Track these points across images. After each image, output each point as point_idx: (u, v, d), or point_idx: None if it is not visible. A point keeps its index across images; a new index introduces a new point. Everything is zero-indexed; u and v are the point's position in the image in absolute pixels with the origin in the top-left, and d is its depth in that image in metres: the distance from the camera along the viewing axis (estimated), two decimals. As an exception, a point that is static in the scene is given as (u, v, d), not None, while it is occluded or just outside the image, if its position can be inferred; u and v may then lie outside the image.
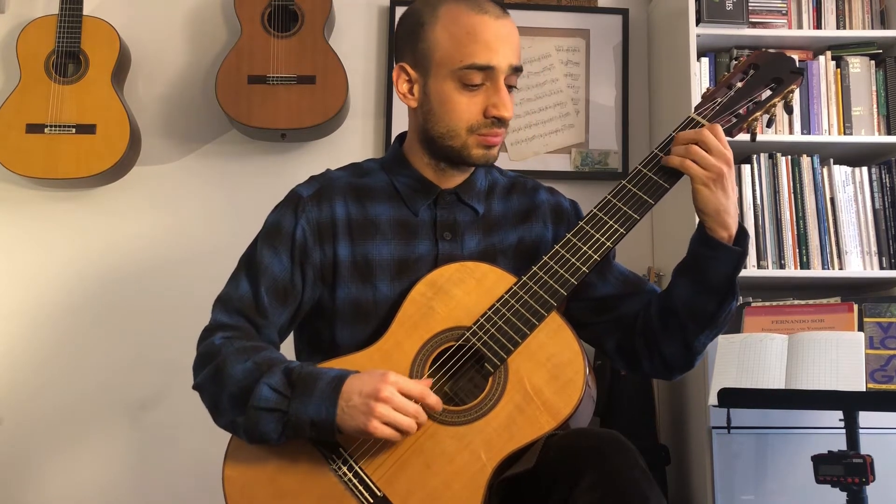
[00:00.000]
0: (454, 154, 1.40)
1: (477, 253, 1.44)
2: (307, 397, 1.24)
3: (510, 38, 1.37)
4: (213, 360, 1.32)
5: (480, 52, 1.34)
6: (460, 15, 1.36)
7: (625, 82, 2.81)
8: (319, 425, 1.24)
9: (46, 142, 2.46)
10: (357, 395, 1.23)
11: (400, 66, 1.42)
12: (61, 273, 2.63)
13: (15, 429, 2.56)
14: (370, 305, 1.40)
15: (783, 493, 2.13)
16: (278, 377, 1.27)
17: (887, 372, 1.89)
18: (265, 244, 1.42)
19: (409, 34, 1.41)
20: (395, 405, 1.22)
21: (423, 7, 1.40)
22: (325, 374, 1.27)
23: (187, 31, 2.77)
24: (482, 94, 1.36)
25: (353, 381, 1.25)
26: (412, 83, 1.41)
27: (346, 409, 1.23)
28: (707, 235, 1.33)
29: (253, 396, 1.26)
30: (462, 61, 1.34)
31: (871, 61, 2.53)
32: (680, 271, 1.39)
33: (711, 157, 1.30)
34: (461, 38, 1.35)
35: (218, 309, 1.41)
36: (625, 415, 2.39)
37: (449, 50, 1.35)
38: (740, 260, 1.33)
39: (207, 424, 1.35)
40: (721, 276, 1.33)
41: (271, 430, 1.25)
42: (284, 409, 1.24)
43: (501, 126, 1.38)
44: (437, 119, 1.38)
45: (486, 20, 1.35)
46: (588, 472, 1.14)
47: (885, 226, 2.43)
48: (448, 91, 1.36)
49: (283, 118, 2.51)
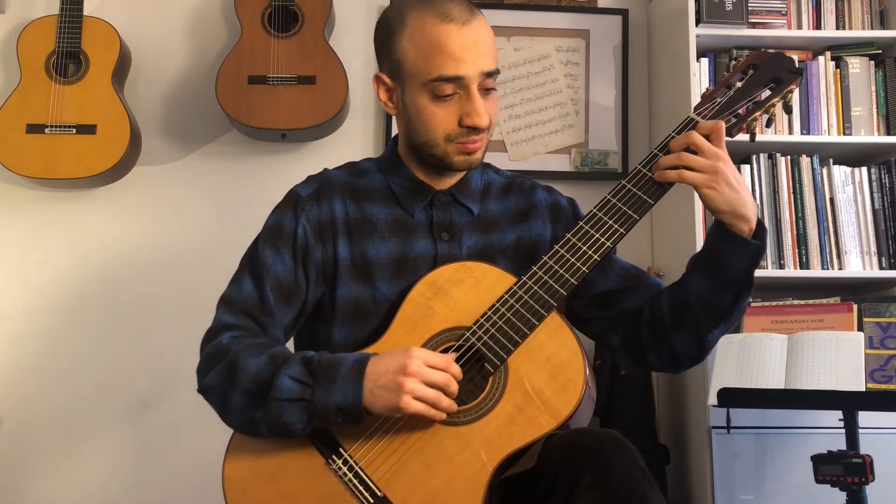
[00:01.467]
0: (436, 162, 1.40)
1: (476, 252, 1.44)
2: (331, 383, 1.24)
3: (479, 45, 1.34)
4: (223, 359, 1.31)
5: (447, 64, 1.32)
6: (425, 25, 1.34)
7: (625, 82, 2.81)
8: (347, 410, 1.23)
9: (47, 142, 2.46)
10: (384, 374, 1.22)
11: (377, 75, 1.42)
12: (61, 273, 2.63)
13: (15, 429, 2.56)
14: (369, 305, 1.40)
15: (783, 493, 2.13)
16: (297, 367, 1.27)
17: (887, 372, 1.89)
18: (267, 244, 1.42)
19: (382, 43, 1.40)
20: (424, 378, 1.22)
21: (392, 15, 1.39)
22: (346, 359, 1.27)
23: (187, 31, 2.77)
24: (456, 104, 1.35)
25: (376, 362, 1.25)
26: (391, 91, 1.41)
27: (375, 389, 1.22)
28: (726, 229, 1.32)
29: (274, 389, 1.25)
30: (430, 73, 1.33)
31: (871, 61, 2.53)
32: (696, 265, 1.38)
33: (704, 158, 1.29)
34: (427, 51, 1.33)
35: (222, 310, 1.40)
36: (625, 415, 2.39)
37: (416, 62, 1.34)
38: (759, 254, 1.32)
39: (207, 424, 1.35)
40: (739, 271, 1.32)
41: (296, 420, 1.24)
42: (308, 398, 1.24)
43: (479, 133, 1.37)
44: (416, 129, 1.38)
45: (451, 30, 1.32)
46: (588, 472, 1.14)
47: (884, 226, 2.43)
48: (422, 103, 1.35)
49: (284, 118, 2.51)
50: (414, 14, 1.35)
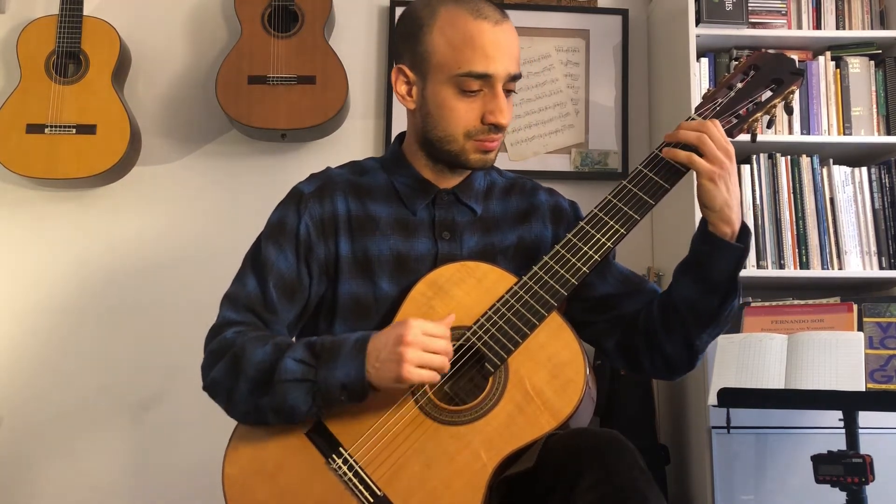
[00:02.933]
0: (452, 158, 1.40)
1: (476, 252, 1.44)
2: (333, 362, 1.25)
3: (509, 46, 1.36)
4: (228, 352, 1.32)
5: (478, 60, 1.33)
6: (458, 20, 1.35)
7: (625, 82, 2.81)
8: (350, 386, 1.24)
9: (47, 142, 2.46)
10: (383, 347, 1.23)
11: (398, 67, 1.41)
12: (61, 273, 2.63)
13: (15, 429, 2.56)
14: (370, 302, 1.40)
15: (783, 493, 2.13)
16: (301, 350, 1.28)
17: (887, 372, 1.89)
18: (270, 242, 1.42)
19: (407, 36, 1.40)
20: (424, 345, 1.22)
21: (422, 8, 1.39)
22: (347, 339, 1.28)
23: (187, 31, 2.77)
24: (480, 100, 1.36)
25: (377, 338, 1.26)
26: (410, 85, 1.41)
27: (377, 363, 1.23)
28: (709, 233, 1.33)
29: (277, 371, 1.26)
30: (460, 68, 1.34)
31: (871, 61, 2.53)
32: (682, 270, 1.38)
33: (717, 150, 1.30)
34: (459, 45, 1.34)
35: (226, 307, 1.41)
36: (625, 415, 2.39)
37: (447, 55, 1.35)
38: (742, 257, 1.32)
39: (208, 424, 1.35)
40: (723, 274, 1.33)
41: (301, 401, 1.25)
42: (312, 378, 1.25)
43: (499, 132, 1.38)
44: (435, 123, 1.38)
45: (485, 27, 1.34)
46: (588, 471, 1.14)
47: (884, 226, 2.43)
48: (446, 96, 1.36)
49: (284, 118, 2.51)
50: (446, 8, 1.37)
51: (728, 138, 1.33)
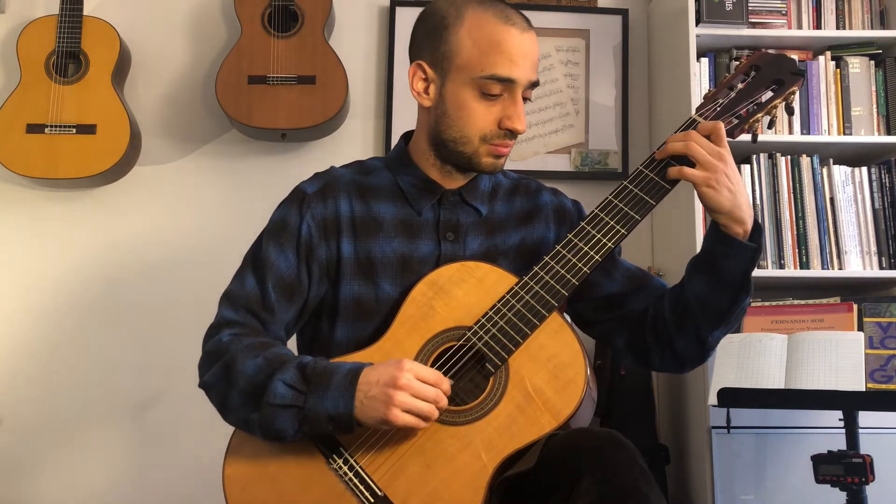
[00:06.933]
0: (463, 160, 1.40)
1: (479, 254, 1.44)
2: (323, 392, 1.24)
3: (532, 54, 1.38)
4: (221, 358, 1.32)
5: (504, 64, 1.34)
6: (487, 23, 1.36)
7: (625, 82, 2.81)
8: (337, 419, 1.24)
9: (47, 142, 2.46)
10: (374, 385, 1.22)
11: (417, 63, 1.41)
12: (61, 273, 2.63)
13: (15, 429, 2.56)
14: (372, 303, 1.40)
15: (783, 493, 2.13)
16: (292, 373, 1.27)
17: (887, 372, 1.89)
18: (271, 241, 1.42)
19: (430, 33, 1.40)
20: (415, 391, 1.22)
21: (447, 7, 1.39)
22: (340, 368, 1.27)
23: (187, 31, 2.77)
24: (499, 105, 1.37)
25: (369, 373, 1.25)
26: (428, 82, 1.40)
27: (365, 400, 1.22)
28: (721, 232, 1.33)
29: (267, 393, 1.25)
30: (484, 70, 1.34)
31: (871, 61, 2.53)
32: (694, 267, 1.38)
33: (708, 155, 1.29)
34: (486, 48, 1.34)
35: (224, 305, 1.40)
36: (625, 415, 2.39)
37: (472, 57, 1.35)
38: (755, 256, 1.32)
39: (208, 424, 1.35)
40: (735, 273, 1.32)
41: (287, 426, 1.25)
42: (301, 404, 1.24)
43: (513, 137, 1.39)
44: (451, 123, 1.38)
45: (513, 32, 1.35)
46: (588, 471, 1.14)
47: (884, 226, 2.43)
48: (466, 97, 1.36)
49: (284, 118, 2.51)
50: (474, 10, 1.37)
51: (726, 139, 1.32)
